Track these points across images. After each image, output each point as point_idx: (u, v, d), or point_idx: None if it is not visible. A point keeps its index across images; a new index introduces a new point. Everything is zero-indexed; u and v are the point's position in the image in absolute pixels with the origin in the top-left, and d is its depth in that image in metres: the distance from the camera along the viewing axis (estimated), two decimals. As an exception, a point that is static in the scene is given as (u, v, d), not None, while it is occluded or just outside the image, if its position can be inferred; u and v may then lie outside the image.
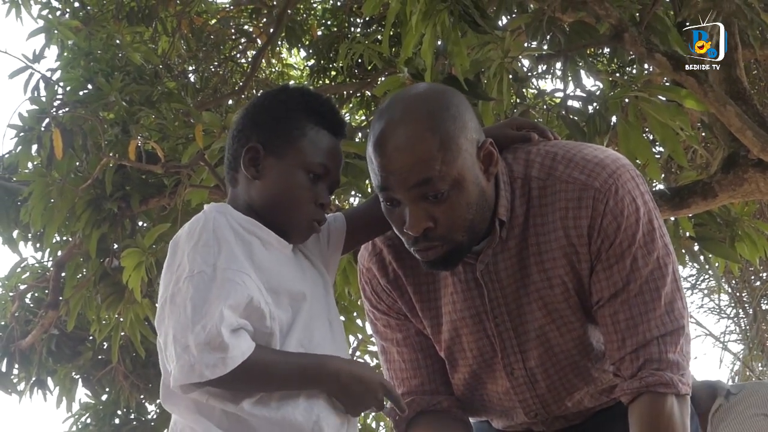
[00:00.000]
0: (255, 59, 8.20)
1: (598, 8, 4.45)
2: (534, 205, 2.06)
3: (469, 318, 2.15)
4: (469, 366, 2.22)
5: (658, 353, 2.02)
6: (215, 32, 8.54)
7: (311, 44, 8.46)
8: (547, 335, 2.13)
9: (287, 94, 2.13)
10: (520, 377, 2.19)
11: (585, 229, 2.02)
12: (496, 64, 4.26)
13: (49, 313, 7.02)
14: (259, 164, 2.05)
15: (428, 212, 1.94)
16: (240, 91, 7.94)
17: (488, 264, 2.10)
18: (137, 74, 6.36)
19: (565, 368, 2.18)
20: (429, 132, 1.92)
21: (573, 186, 2.02)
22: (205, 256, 1.89)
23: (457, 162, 1.93)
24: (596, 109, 4.57)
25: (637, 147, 4.24)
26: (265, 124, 2.07)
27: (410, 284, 2.20)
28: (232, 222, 1.97)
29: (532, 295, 2.10)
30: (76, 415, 7.88)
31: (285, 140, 2.05)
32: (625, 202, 2.01)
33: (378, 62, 7.07)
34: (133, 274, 5.40)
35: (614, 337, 2.06)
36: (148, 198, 6.36)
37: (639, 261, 2.03)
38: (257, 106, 2.12)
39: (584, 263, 2.06)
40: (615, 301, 2.04)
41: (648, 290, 2.03)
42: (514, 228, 2.07)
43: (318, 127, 2.08)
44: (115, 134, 5.98)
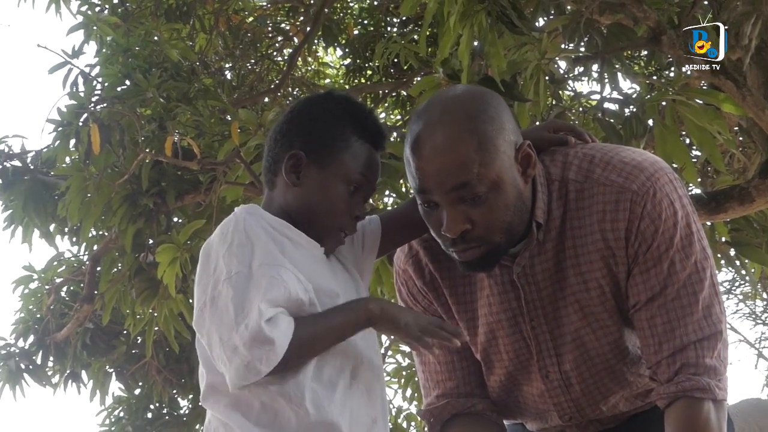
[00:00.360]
0: (291, 57, 8.22)
1: (636, 10, 4.42)
2: (571, 207, 2.05)
3: (506, 320, 2.15)
4: (505, 368, 2.22)
5: (695, 358, 2.01)
6: (252, 30, 8.56)
7: (347, 43, 8.47)
8: (582, 338, 2.13)
9: (333, 103, 2.14)
10: (555, 380, 2.19)
11: (622, 232, 2.02)
12: (532, 65, 4.25)
13: (84, 306, 7.08)
14: (301, 171, 2.06)
15: (466, 214, 1.94)
16: (276, 89, 7.97)
17: (525, 266, 2.10)
18: (174, 71, 6.39)
19: (601, 372, 2.17)
20: (467, 134, 1.92)
21: (611, 189, 2.02)
22: (241, 256, 1.91)
23: (495, 164, 1.93)
24: (633, 112, 4.55)
25: (674, 150, 4.22)
26: (310, 132, 2.08)
27: (446, 286, 2.20)
28: (263, 222, 1.99)
29: (569, 298, 2.10)
30: (109, 409, 7.95)
31: (329, 150, 2.06)
32: (663, 206, 2.01)
33: (414, 62, 7.06)
34: (168, 270, 5.43)
35: (651, 341, 2.05)
36: (183, 194, 6.39)
37: (677, 265, 2.02)
38: (302, 112, 2.13)
39: (621, 266, 2.05)
40: (652, 304, 2.04)
41: (685, 294, 2.02)
42: (551, 230, 2.07)
43: (361, 140, 2.09)
44: (152, 130, 6.02)
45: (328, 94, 2.21)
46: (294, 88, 8.78)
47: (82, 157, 6.12)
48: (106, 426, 7.92)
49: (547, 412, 2.27)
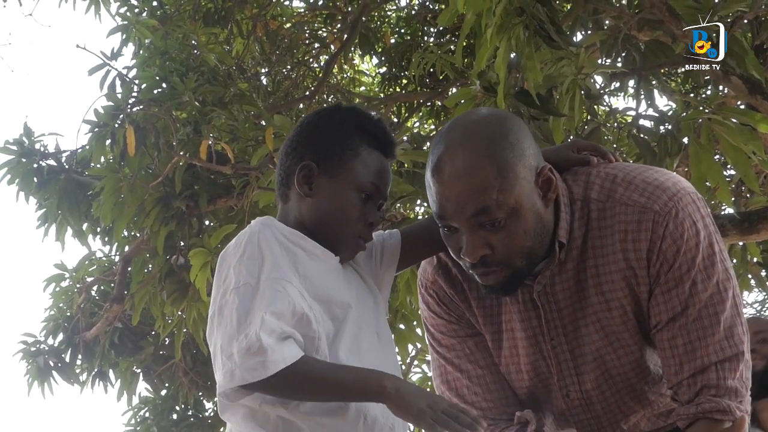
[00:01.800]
0: (327, 64, 8.26)
1: (675, 28, 4.41)
2: (593, 227, 2.06)
3: (526, 339, 2.15)
4: (526, 387, 2.22)
5: (716, 379, 2.01)
6: (289, 36, 8.60)
7: (384, 52, 8.49)
8: (604, 358, 2.13)
9: (341, 114, 2.16)
10: (575, 399, 2.19)
11: (644, 252, 2.02)
12: (569, 80, 4.25)
13: (114, 306, 7.13)
14: (312, 182, 2.08)
15: (485, 240, 1.95)
16: (311, 96, 8.00)
17: (545, 285, 2.10)
18: (211, 75, 6.43)
19: (622, 391, 2.17)
20: (487, 160, 1.92)
21: (633, 209, 2.02)
22: (250, 268, 1.93)
23: (514, 190, 1.93)
24: (668, 130, 4.53)
25: (709, 170, 4.19)
26: (319, 143, 2.10)
27: (474, 298, 2.21)
28: (277, 234, 2.01)
29: (590, 318, 2.09)
30: (135, 409, 8.00)
31: (338, 160, 2.08)
32: (686, 226, 2.00)
33: (450, 73, 7.06)
34: (200, 274, 5.46)
35: (672, 362, 2.05)
36: (216, 198, 6.42)
37: (698, 285, 2.01)
38: (311, 124, 2.16)
39: (643, 286, 2.05)
40: (673, 325, 2.03)
41: (707, 315, 2.02)
42: (572, 250, 2.07)
43: (370, 148, 2.12)
44: (187, 133, 6.06)
45: (337, 106, 2.24)
46: (329, 95, 8.80)
47: (117, 159, 6.17)
48: (132, 426, 7.98)
49: (567, 429, 2.26)
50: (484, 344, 2.25)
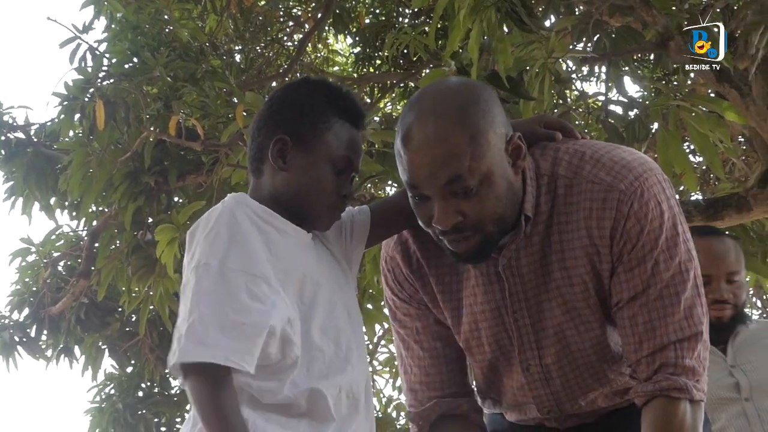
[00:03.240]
0: (301, 43, 8.23)
1: (646, 14, 4.42)
2: (559, 203, 2.07)
3: (489, 312, 2.16)
4: (487, 360, 2.23)
5: (675, 358, 2.03)
6: (263, 13, 8.56)
7: (358, 32, 8.46)
8: (564, 333, 2.14)
9: (311, 87, 2.17)
10: (535, 373, 2.20)
11: (608, 230, 2.03)
12: (539, 63, 4.25)
13: (81, 281, 7.10)
14: (287, 156, 2.08)
15: (457, 207, 1.95)
16: (284, 74, 7.96)
17: (510, 259, 2.11)
18: (183, 51, 6.39)
19: (581, 367, 2.19)
20: (458, 127, 1.92)
21: (599, 186, 2.03)
22: (215, 247, 1.90)
23: (486, 157, 1.93)
24: (636, 116, 4.55)
25: (676, 156, 4.22)
26: (292, 117, 2.10)
27: (433, 275, 2.21)
28: (249, 212, 1.99)
29: (552, 293, 2.11)
30: (101, 386, 7.97)
31: (312, 133, 2.08)
32: (650, 206, 2.02)
33: (423, 54, 7.06)
34: (167, 250, 5.44)
35: (632, 340, 2.07)
36: (185, 174, 6.40)
37: (660, 265, 2.03)
38: (282, 99, 2.15)
39: (605, 264, 2.07)
40: (634, 303, 2.05)
41: (668, 294, 2.04)
42: (538, 224, 2.08)
43: (342, 120, 2.12)
44: (157, 109, 6.03)
45: (306, 80, 2.23)
46: (302, 73, 8.77)
47: (86, 133, 6.13)
48: (97, 402, 7.94)
49: (526, 405, 2.29)
50: (430, 328, 2.27)
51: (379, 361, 8.17)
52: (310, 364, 1.98)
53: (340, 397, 2.01)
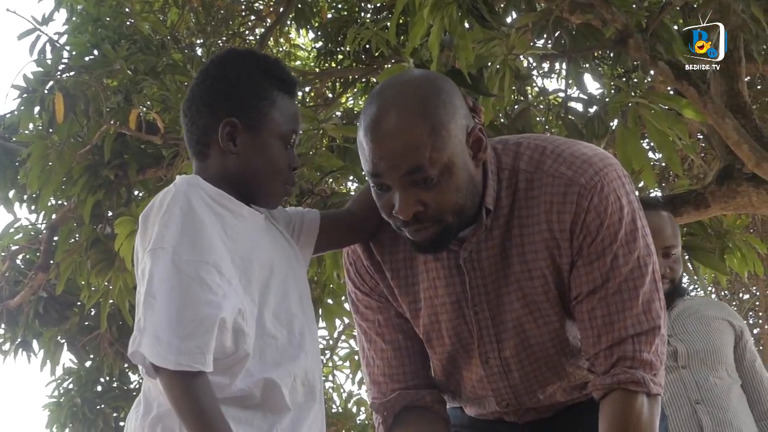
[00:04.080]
0: (263, 37, 8.20)
1: (605, 12, 4.46)
2: (520, 197, 2.09)
3: (449, 304, 2.18)
4: (447, 352, 2.25)
5: (632, 351, 2.05)
6: (225, 7, 8.52)
7: (320, 26, 8.45)
8: (524, 327, 2.16)
9: (245, 61, 2.12)
10: (494, 366, 2.22)
11: (568, 224, 2.05)
12: (499, 60, 4.28)
13: (39, 275, 7.04)
14: (236, 138, 2.05)
15: (418, 197, 1.97)
16: (245, 69, 7.93)
17: (471, 252, 2.13)
18: (144, 44, 6.35)
19: (539, 361, 2.21)
20: (420, 118, 1.94)
21: (559, 181, 2.05)
22: (170, 231, 1.88)
23: (447, 148, 1.95)
24: (596, 113, 4.59)
25: (634, 153, 4.26)
26: (235, 97, 2.07)
27: (388, 269, 2.22)
28: (203, 195, 1.96)
29: (512, 286, 2.13)
30: (59, 380, 7.91)
31: (258, 112, 2.06)
32: (610, 200, 2.05)
33: (385, 49, 7.07)
34: (125, 243, 5.41)
35: (590, 333, 2.09)
36: (145, 168, 6.37)
37: (619, 259, 2.06)
38: (218, 77, 2.10)
39: (565, 258, 2.09)
40: (593, 297, 2.08)
41: (626, 289, 2.06)
42: (499, 218, 2.10)
43: (281, 93, 2.10)
44: (118, 102, 5.99)
45: (234, 55, 2.18)
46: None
47: (46, 125, 6.08)
48: (55, 397, 7.89)
49: (485, 398, 2.30)
50: (392, 321, 2.28)
51: (340, 357, 8.19)
52: (263, 352, 1.96)
53: (295, 385, 2.00)
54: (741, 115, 5.02)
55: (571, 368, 2.23)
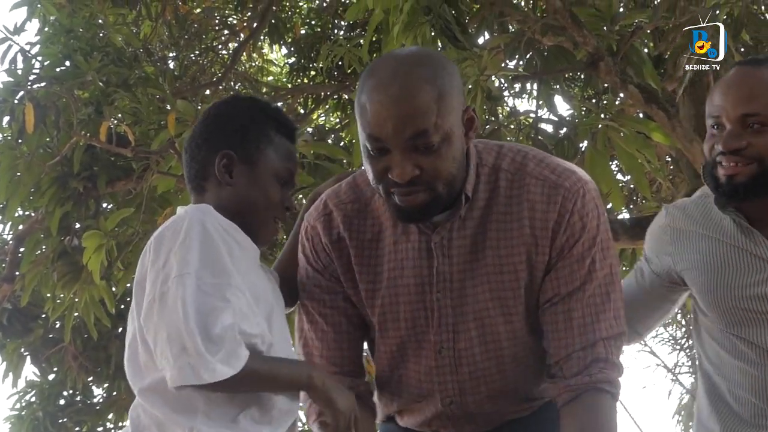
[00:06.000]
0: (236, 52, 8.20)
1: (577, 35, 4.50)
2: (500, 194, 2.14)
3: (413, 286, 2.20)
4: (400, 337, 2.26)
5: (605, 354, 2.12)
6: (199, 21, 8.51)
7: (293, 42, 8.46)
8: (483, 320, 2.19)
9: (247, 104, 2.24)
10: (446, 357, 2.23)
11: (551, 223, 2.11)
12: (471, 80, 4.30)
13: (4, 286, 6.99)
14: (233, 170, 2.13)
15: (416, 162, 2.00)
16: (218, 82, 7.94)
17: (443, 238, 2.16)
18: (116, 56, 6.33)
19: (491, 359, 2.23)
20: (429, 84, 1.98)
21: (544, 182, 2.12)
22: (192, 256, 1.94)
23: (450, 116, 2.00)
24: (566, 134, 4.62)
25: (603, 175, 4.29)
26: (234, 133, 2.16)
27: (353, 247, 2.24)
28: (215, 224, 2.02)
29: (480, 279, 2.16)
30: (21, 393, 7.84)
31: (255, 148, 2.14)
32: (590, 207, 2.12)
33: (358, 67, 7.07)
34: (93, 256, 5.39)
35: (564, 335, 2.14)
36: (114, 180, 6.35)
37: (597, 264, 2.13)
38: (219, 116, 2.20)
39: (541, 256, 2.13)
40: (571, 299, 2.13)
41: (601, 293, 2.14)
42: (474, 210, 2.14)
43: (280, 134, 2.19)
44: (88, 114, 5.97)
45: (236, 98, 2.34)
46: (236, 82, 8.74)
47: (15, 135, 6.04)
48: (17, 410, 7.81)
49: (429, 395, 2.30)
50: (338, 304, 2.29)
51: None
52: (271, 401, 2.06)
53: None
54: (709, 139, 5.06)
55: (520, 374, 2.26)
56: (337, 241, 2.25)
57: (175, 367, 1.87)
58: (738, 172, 2.21)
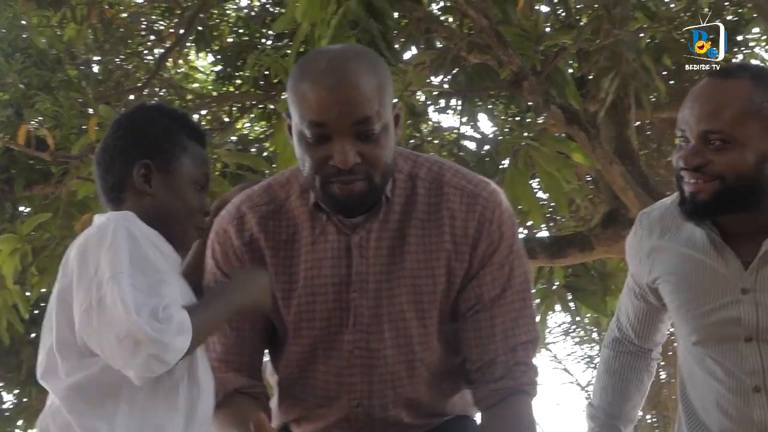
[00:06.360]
0: (161, 58, 8.12)
1: (502, 53, 4.55)
2: (419, 201, 2.17)
3: (331, 285, 2.21)
4: (313, 337, 2.26)
5: (526, 357, 2.19)
6: (125, 26, 8.43)
7: (220, 50, 8.42)
8: (397, 323, 2.21)
9: (156, 112, 2.23)
10: (359, 357, 2.24)
11: (471, 231, 2.16)
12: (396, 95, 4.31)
13: None
14: (151, 180, 2.11)
15: (358, 149, 2.02)
16: (142, 88, 7.85)
17: (362, 239, 2.18)
18: (39, 58, 6.27)
19: (402, 363, 2.24)
20: (371, 74, 2.01)
21: (462, 192, 2.17)
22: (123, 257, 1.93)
23: (388, 108, 2.03)
24: (488, 152, 4.66)
25: (523, 193, 4.34)
26: (149, 142, 2.14)
27: (269, 248, 2.24)
28: (139, 232, 2.01)
29: (398, 281, 2.19)
30: (-70, 396, 7.69)
31: (171, 156, 2.13)
32: (506, 215, 2.19)
33: (284, 77, 7.05)
34: (7, 261, 5.30)
35: (488, 340, 2.19)
36: (32, 184, 6.26)
37: (515, 270, 2.19)
38: (131, 126, 2.18)
39: (460, 263, 2.17)
40: (494, 305, 2.18)
41: (519, 299, 2.20)
42: (391, 213, 2.17)
43: (192, 140, 2.18)
44: (8, 116, 5.89)
45: (143, 107, 2.34)
46: (161, 88, 8.67)
47: (-69, 136, 5.94)
48: (-74, 414, 7.66)
49: (336, 398, 2.29)
50: None
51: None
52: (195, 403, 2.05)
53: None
54: (628, 161, 5.15)
55: (429, 382, 2.28)
56: (250, 243, 2.24)
57: (137, 365, 1.85)
58: (700, 189, 2.16)
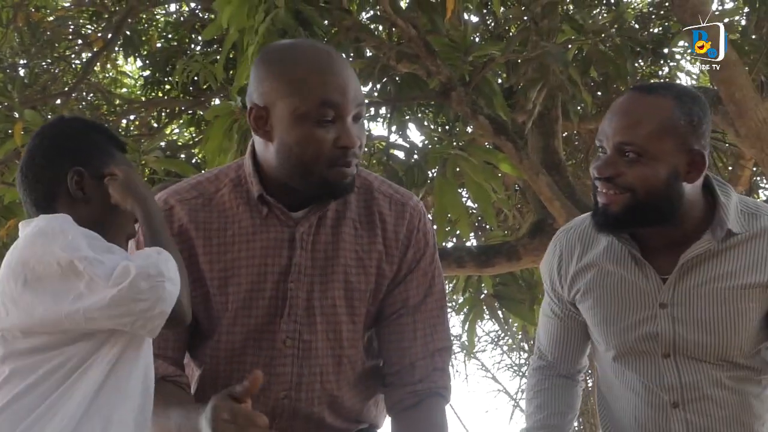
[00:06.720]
0: (89, 62, 8.03)
1: (431, 64, 4.57)
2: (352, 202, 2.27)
3: (271, 274, 2.24)
4: (247, 325, 2.27)
5: (442, 363, 2.30)
6: (52, 29, 8.32)
7: (149, 55, 8.34)
8: (330, 317, 2.25)
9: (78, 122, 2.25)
10: (291, 347, 2.26)
11: (401, 236, 2.27)
12: (324, 103, 4.31)
13: None
14: (84, 186, 2.12)
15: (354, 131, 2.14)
16: (69, 93, 7.76)
17: (305, 231, 2.23)
18: (-38, 61, 6.16)
19: (331, 357, 2.28)
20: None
21: (390, 199, 2.30)
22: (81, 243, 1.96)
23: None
24: (417, 161, 4.68)
25: (451, 202, 4.38)
26: (78, 151, 2.15)
27: (201, 237, 2.27)
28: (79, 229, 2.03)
29: (334, 276, 2.24)
30: None
31: (101, 162, 2.14)
32: (429, 226, 2.33)
33: (213, 83, 7.02)
34: None
35: (409, 344, 2.28)
36: (-44, 189, 6.14)
37: (436, 278, 2.31)
38: (58, 136, 2.18)
39: (389, 266, 2.27)
40: (417, 310, 2.28)
41: (438, 306, 2.32)
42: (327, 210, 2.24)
43: (116, 148, 2.20)
44: (-71, 120, 5.78)
45: (66, 118, 2.32)
46: (89, 93, 8.58)
47: None
48: None
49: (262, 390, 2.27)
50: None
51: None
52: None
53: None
54: (555, 171, 5.21)
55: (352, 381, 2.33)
56: (180, 234, 2.27)
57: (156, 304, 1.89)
58: (612, 201, 2.17)
